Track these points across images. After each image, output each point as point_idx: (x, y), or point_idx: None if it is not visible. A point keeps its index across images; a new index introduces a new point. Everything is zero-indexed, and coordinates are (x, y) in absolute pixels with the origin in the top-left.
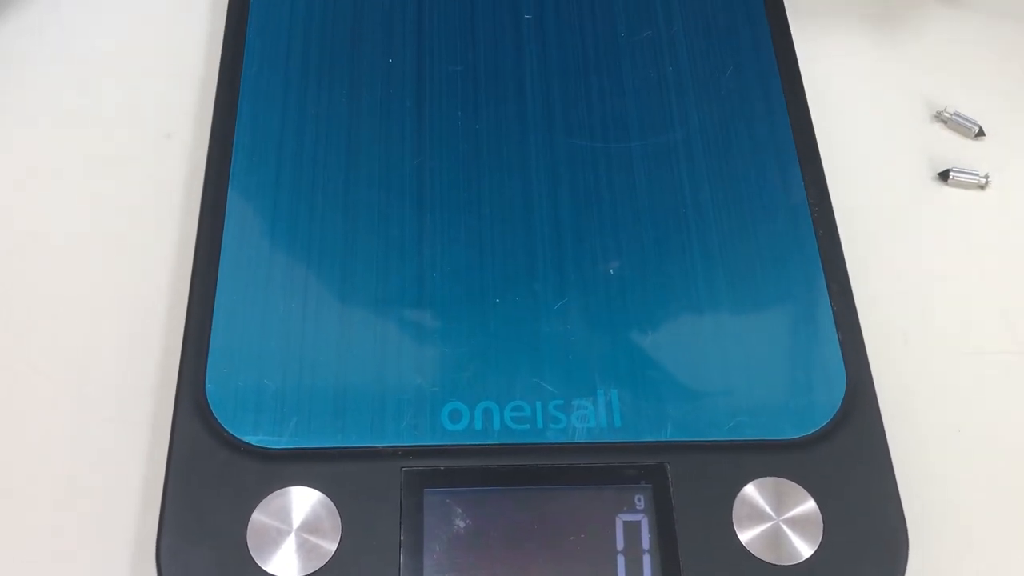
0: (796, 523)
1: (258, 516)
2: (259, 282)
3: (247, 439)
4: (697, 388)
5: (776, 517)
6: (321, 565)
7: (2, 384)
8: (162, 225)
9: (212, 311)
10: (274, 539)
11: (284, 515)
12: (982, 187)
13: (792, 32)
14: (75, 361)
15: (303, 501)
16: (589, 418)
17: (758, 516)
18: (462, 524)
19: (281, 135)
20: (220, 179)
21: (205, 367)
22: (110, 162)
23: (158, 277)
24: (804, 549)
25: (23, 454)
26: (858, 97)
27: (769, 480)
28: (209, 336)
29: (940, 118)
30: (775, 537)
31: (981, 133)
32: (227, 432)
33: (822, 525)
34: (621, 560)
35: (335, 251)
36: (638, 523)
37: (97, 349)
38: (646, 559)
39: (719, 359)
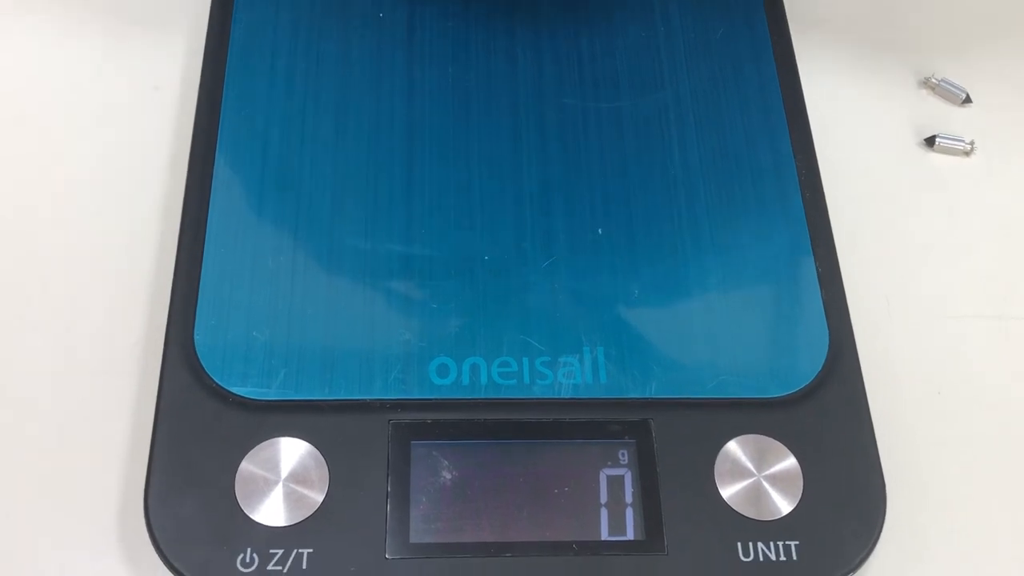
0: (777, 479)
1: (246, 466)
2: (248, 235)
3: (235, 390)
4: (681, 346)
5: (757, 473)
6: (309, 515)
7: None
8: (150, 176)
9: (201, 263)
10: (262, 489)
11: (272, 465)
12: (967, 153)
13: None
14: (63, 312)
15: (291, 452)
16: (575, 374)
17: (739, 472)
18: (448, 476)
19: (270, 88)
20: (209, 132)
21: (194, 319)
22: (97, 114)
23: (146, 228)
24: (784, 505)
25: (12, 405)
26: (847, 62)
27: (751, 437)
28: (198, 288)
29: (927, 84)
30: (756, 493)
31: (968, 100)
32: (216, 383)
33: (802, 482)
34: (604, 513)
35: (324, 205)
36: (622, 477)
37: (85, 301)
38: (629, 512)
39: (704, 318)
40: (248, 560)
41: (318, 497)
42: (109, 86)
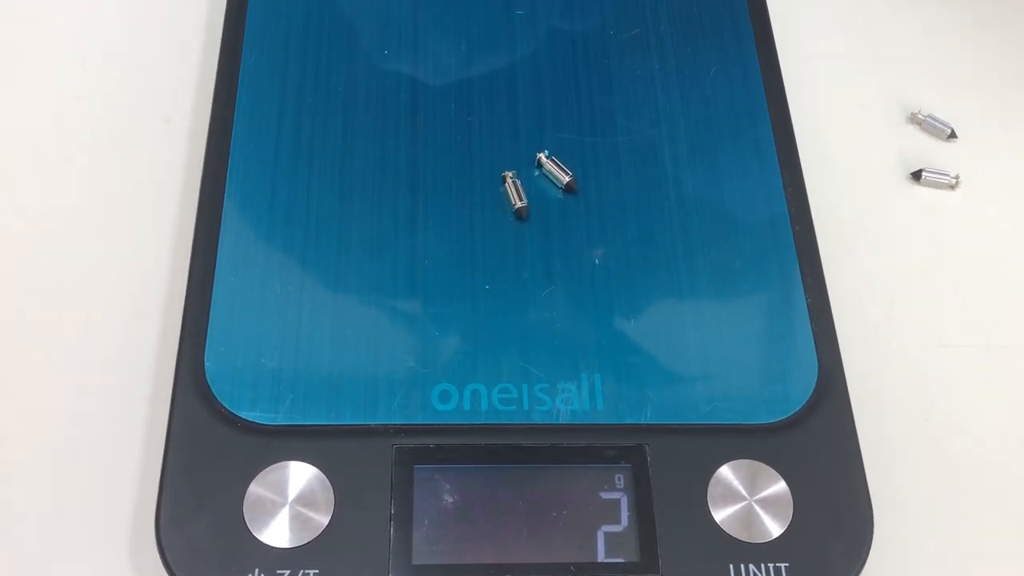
0: (768, 503)
1: (255, 489)
2: (257, 263)
3: (244, 415)
4: (676, 373)
5: (749, 497)
6: (314, 536)
7: (5, 359)
8: (161, 206)
9: (211, 291)
10: (270, 511)
11: (280, 488)
12: (952, 187)
13: (774, 33)
14: (76, 339)
15: (298, 475)
16: (573, 400)
17: (732, 496)
18: (450, 499)
19: (279, 119)
20: (219, 162)
21: (204, 345)
22: (109, 145)
23: (157, 257)
24: (774, 528)
25: (25, 428)
26: (837, 98)
27: (743, 462)
28: (208, 315)
29: (914, 120)
30: (747, 516)
31: (953, 135)
32: (225, 408)
33: (792, 506)
34: (601, 536)
35: (331, 235)
36: (618, 501)
37: (98, 327)
38: (625, 535)
39: (698, 346)
40: None
41: (324, 519)
42: (122, 117)
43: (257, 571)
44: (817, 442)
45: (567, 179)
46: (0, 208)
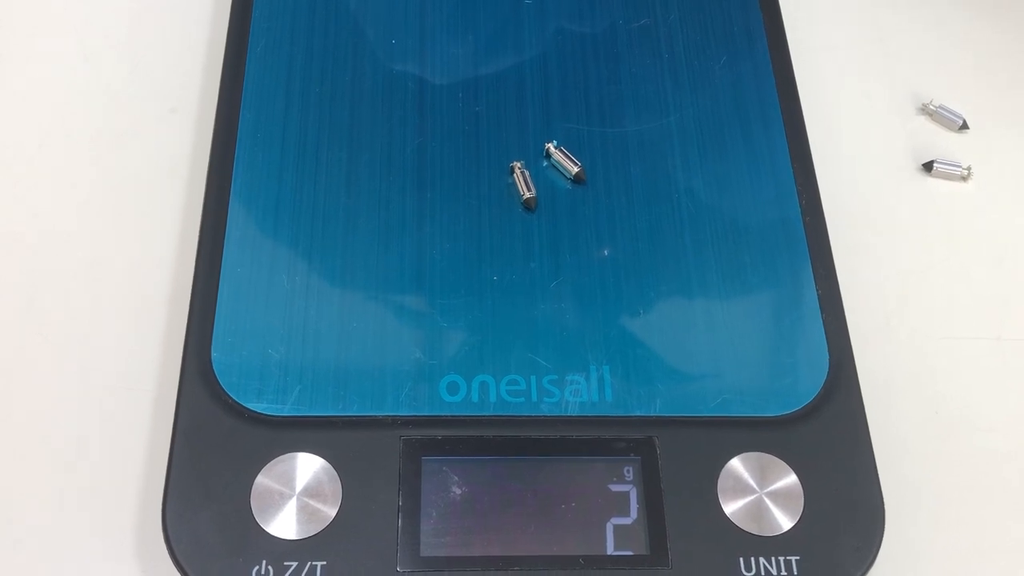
0: (778, 496)
1: (262, 480)
2: (264, 254)
3: (251, 406)
4: (685, 366)
5: (759, 490)
6: (322, 528)
7: (12, 352)
8: (168, 197)
9: (218, 282)
10: (277, 503)
11: (287, 480)
12: (964, 178)
13: (784, 23)
14: (83, 331)
15: (305, 466)
16: (582, 392)
17: (742, 489)
18: (458, 491)
19: (286, 110)
20: (226, 153)
21: (211, 336)
22: (114, 135)
23: (164, 247)
24: (785, 521)
25: (33, 421)
26: (847, 88)
27: (753, 455)
28: (215, 306)
29: (926, 111)
30: (758, 509)
31: (965, 126)
32: (232, 399)
33: (803, 499)
34: (610, 528)
35: (338, 226)
36: (627, 493)
37: (104, 319)
38: (634, 528)
39: (707, 338)
40: (263, 572)
41: (331, 511)
42: (127, 108)
43: (264, 563)
44: (828, 435)
45: (576, 170)
46: (5, 201)
